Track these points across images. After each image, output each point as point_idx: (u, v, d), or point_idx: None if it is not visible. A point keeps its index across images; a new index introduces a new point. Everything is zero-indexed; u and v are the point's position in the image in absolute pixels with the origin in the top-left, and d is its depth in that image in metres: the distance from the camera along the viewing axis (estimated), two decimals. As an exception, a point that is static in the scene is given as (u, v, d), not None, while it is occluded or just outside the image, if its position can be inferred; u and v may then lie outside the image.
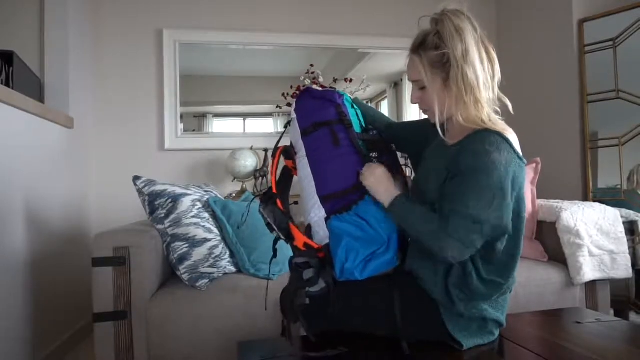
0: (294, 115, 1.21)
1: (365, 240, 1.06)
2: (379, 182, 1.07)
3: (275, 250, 1.22)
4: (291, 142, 1.24)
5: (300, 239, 1.13)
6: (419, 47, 1.07)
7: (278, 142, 1.27)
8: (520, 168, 1.00)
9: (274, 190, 1.17)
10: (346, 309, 1.09)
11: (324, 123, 1.14)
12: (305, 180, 1.16)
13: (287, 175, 1.26)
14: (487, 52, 1.05)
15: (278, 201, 1.16)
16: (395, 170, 1.17)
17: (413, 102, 1.13)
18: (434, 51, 1.03)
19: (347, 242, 1.05)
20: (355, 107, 1.24)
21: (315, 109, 1.16)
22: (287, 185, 1.26)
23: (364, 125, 1.22)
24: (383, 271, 1.07)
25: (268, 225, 1.16)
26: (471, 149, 0.98)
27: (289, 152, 1.23)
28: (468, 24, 1.03)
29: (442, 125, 1.08)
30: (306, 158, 1.15)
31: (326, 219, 1.11)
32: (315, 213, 1.13)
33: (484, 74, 1.03)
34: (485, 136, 0.99)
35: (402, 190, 1.10)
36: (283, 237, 1.15)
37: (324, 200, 1.11)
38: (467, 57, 1.00)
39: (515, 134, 1.07)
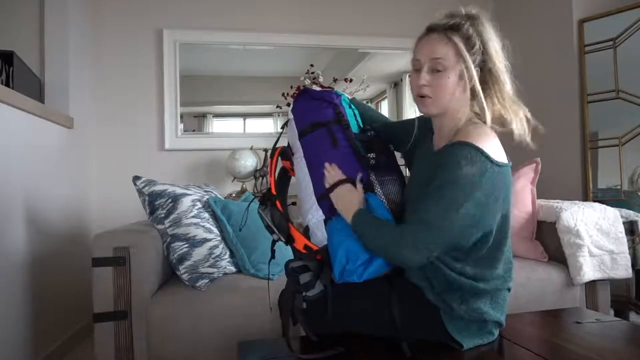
0: (291, 116, 1.20)
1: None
2: (338, 197, 1.07)
3: (273, 252, 1.21)
4: (288, 143, 1.24)
5: (301, 241, 1.12)
6: (449, 29, 1.03)
7: (275, 143, 1.26)
8: (499, 174, 0.98)
9: (273, 192, 1.16)
10: (345, 312, 1.08)
11: (321, 124, 1.13)
12: (303, 182, 1.16)
13: (285, 176, 1.25)
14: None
15: (277, 202, 1.15)
16: (392, 171, 1.17)
17: (420, 82, 1.04)
18: (464, 40, 1.02)
19: (347, 245, 1.04)
20: (353, 107, 1.23)
21: (313, 110, 1.16)
22: (285, 186, 1.24)
23: (361, 125, 1.21)
24: (382, 272, 1.07)
25: (267, 227, 1.15)
26: (445, 162, 0.98)
27: (286, 153, 1.22)
28: (493, 27, 1.06)
29: (430, 121, 1.07)
30: (304, 159, 1.15)
31: (325, 221, 1.10)
32: (313, 214, 1.12)
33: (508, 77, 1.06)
34: (458, 148, 0.97)
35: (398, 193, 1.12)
36: (283, 239, 1.14)
37: (321, 200, 1.11)
38: (499, 58, 1.04)
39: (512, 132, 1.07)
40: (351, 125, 1.15)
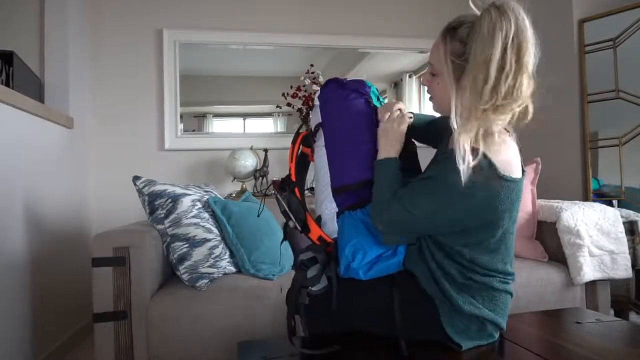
0: (317, 103, 1.18)
1: (374, 242, 1.05)
2: (386, 133, 1.08)
3: (285, 234, 1.19)
4: (312, 129, 1.21)
5: (316, 232, 1.11)
6: (448, 32, 1.02)
7: (299, 129, 1.23)
8: (506, 189, 0.95)
9: (293, 178, 1.15)
10: (347, 307, 1.09)
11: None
12: (321, 171, 1.15)
13: (304, 162, 1.23)
14: (518, 60, 0.94)
15: (296, 190, 1.14)
16: (411, 172, 1.13)
17: (423, 83, 1.12)
18: (458, 44, 1.00)
19: (356, 242, 1.04)
20: (381, 99, 1.21)
21: (341, 99, 1.14)
22: (303, 172, 1.23)
23: None
24: (388, 273, 1.06)
25: (284, 212, 1.14)
26: (450, 157, 0.94)
27: (308, 140, 1.20)
28: (507, 24, 0.93)
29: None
30: (324, 148, 1.13)
31: (338, 214, 1.10)
32: (327, 205, 1.12)
33: (504, 85, 0.93)
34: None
35: None
36: (299, 227, 1.13)
37: (336, 192, 1.10)
38: (490, 64, 0.91)
39: (515, 135, 1.05)
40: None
